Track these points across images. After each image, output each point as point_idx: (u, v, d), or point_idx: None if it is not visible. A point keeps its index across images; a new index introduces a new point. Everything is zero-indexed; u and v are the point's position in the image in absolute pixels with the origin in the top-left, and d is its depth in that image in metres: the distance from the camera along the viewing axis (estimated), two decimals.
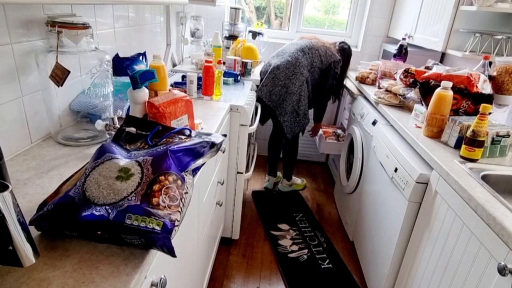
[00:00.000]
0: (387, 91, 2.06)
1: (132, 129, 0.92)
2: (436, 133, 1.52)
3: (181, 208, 0.72)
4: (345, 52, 2.40)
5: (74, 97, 1.16)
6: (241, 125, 1.82)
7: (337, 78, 2.36)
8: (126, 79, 1.33)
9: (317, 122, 2.61)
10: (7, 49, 0.94)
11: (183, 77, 2.01)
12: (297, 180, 2.80)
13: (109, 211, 0.65)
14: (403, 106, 1.97)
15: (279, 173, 2.84)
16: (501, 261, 0.92)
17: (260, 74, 2.36)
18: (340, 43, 2.43)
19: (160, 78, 1.16)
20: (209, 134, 0.95)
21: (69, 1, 1.01)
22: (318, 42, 2.34)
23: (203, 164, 0.89)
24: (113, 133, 1.04)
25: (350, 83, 2.77)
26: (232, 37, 2.66)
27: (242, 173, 1.96)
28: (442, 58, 2.52)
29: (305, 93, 2.29)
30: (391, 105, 1.99)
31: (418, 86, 1.80)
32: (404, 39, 2.42)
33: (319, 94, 2.39)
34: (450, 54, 2.33)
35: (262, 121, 2.59)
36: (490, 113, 1.30)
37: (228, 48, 2.62)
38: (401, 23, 2.68)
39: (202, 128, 1.34)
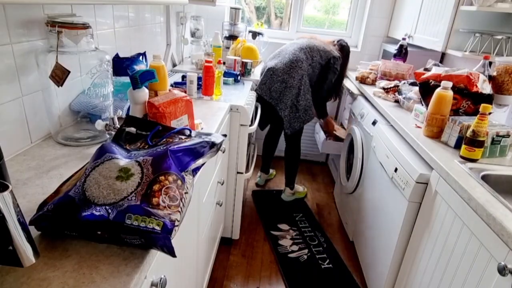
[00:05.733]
0: (384, 89, 2.09)
1: (132, 129, 0.92)
2: (436, 133, 1.52)
3: (181, 208, 0.72)
4: (344, 49, 2.40)
5: (74, 97, 1.15)
6: (241, 125, 1.82)
7: (337, 75, 2.35)
8: (126, 79, 1.33)
9: (321, 117, 2.59)
10: (7, 49, 0.94)
11: (183, 77, 2.00)
12: (299, 188, 2.72)
13: (109, 211, 0.65)
14: (403, 105, 1.97)
15: (271, 171, 2.93)
16: (501, 261, 0.92)
17: (260, 76, 2.37)
18: (338, 40, 2.44)
19: (160, 78, 1.16)
20: (209, 134, 0.95)
21: (69, 1, 1.01)
22: (316, 40, 2.36)
23: (203, 164, 0.89)
24: (113, 133, 1.03)
25: (350, 83, 2.77)
26: (232, 37, 2.66)
27: (242, 173, 1.96)
28: (442, 58, 2.52)
29: (306, 87, 2.24)
30: (391, 105, 1.99)
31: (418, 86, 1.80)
32: (404, 39, 2.42)
33: (318, 89, 2.37)
34: (450, 54, 2.33)
35: (262, 126, 2.57)
36: (490, 113, 1.30)
37: (228, 48, 2.62)
38: (401, 23, 2.68)
39: (202, 128, 1.34)
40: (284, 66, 2.21)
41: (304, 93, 2.24)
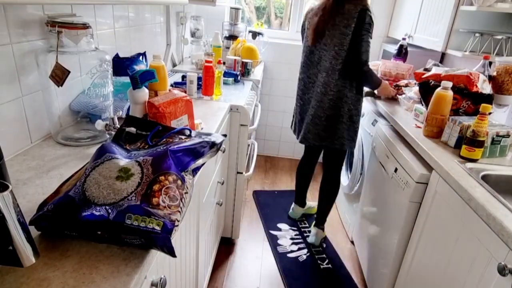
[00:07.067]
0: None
1: (132, 129, 0.92)
2: (436, 133, 1.52)
3: (181, 208, 0.72)
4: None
5: (74, 97, 1.15)
6: (241, 125, 1.82)
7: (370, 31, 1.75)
8: (126, 79, 1.33)
9: (376, 88, 1.93)
10: (7, 49, 0.94)
11: (183, 77, 2.00)
12: (311, 204, 2.49)
13: (109, 211, 0.65)
14: (403, 105, 1.97)
15: (312, 204, 2.49)
16: (501, 261, 0.92)
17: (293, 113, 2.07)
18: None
19: (160, 78, 1.16)
20: (209, 134, 0.95)
21: (69, 1, 1.01)
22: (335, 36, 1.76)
23: (203, 164, 0.89)
24: (113, 133, 1.03)
25: None
26: (232, 37, 2.66)
27: (242, 173, 1.96)
28: (442, 58, 2.52)
29: (350, 99, 1.84)
30: (391, 105, 1.99)
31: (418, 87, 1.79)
32: (404, 39, 2.42)
33: (355, 56, 1.77)
34: (450, 54, 2.33)
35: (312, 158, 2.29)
36: (490, 113, 1.30)
37: (228, 48, 2.62)
38: (401, 23, 2.68)
39: (202, 128, 1.34)
40: (323, 111, 1.86)
41: (349, 104, 1.85)
